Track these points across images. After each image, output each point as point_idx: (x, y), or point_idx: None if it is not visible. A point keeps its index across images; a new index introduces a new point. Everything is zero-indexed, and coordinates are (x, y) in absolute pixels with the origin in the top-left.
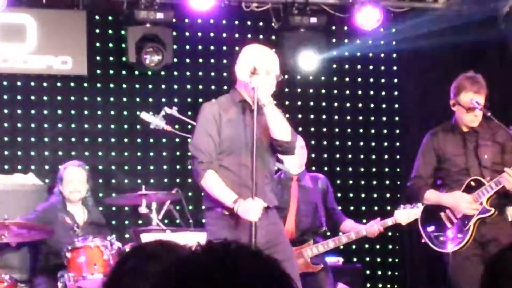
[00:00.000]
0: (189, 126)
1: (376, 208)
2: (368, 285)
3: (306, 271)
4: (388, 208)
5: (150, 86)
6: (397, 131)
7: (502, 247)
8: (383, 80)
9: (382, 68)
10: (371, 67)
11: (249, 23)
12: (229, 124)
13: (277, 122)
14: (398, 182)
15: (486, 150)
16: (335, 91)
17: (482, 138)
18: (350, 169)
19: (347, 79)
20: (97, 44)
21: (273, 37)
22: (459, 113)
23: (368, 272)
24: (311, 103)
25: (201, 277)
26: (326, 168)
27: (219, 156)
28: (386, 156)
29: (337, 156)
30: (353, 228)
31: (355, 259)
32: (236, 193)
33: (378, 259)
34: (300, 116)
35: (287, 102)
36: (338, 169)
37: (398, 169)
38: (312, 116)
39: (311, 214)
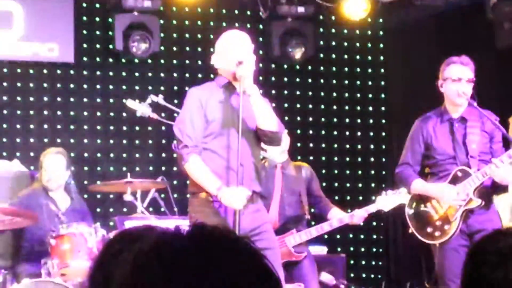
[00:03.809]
0: (175, 114)
1: (361, 198)
2: (352, 274)
3: (289, 259)
4: (373, 198)
5: (136, 74)
6: (383, 121)
7: (483, 237)
8: (370, 70)
9: (369, 58)
10: (358, 57)
11: (236, 12)
12: (216, 107)
13: (262, 112)
14: (384, 172)
15: (474, 139)
16: (322, 81)
17: (470, 127)
18: (336, 158)
19: (333, 68)
20: (84, 32)
21: (261, 26)
22: (447, 91)
23: (352, 261)
24: (298, 92)
25: (179, 260)
26: (311, 158)
27: (205, 139)
28: (372, 146)
29: (323, 145)
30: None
31: (339, 249)
32: (222, 177)
33: (362, 249)
34: (286, 105)
35: (273, 91)
36: (323, 158)
37: (384, 159)
38: (298, 106)
39: (295, 203)
